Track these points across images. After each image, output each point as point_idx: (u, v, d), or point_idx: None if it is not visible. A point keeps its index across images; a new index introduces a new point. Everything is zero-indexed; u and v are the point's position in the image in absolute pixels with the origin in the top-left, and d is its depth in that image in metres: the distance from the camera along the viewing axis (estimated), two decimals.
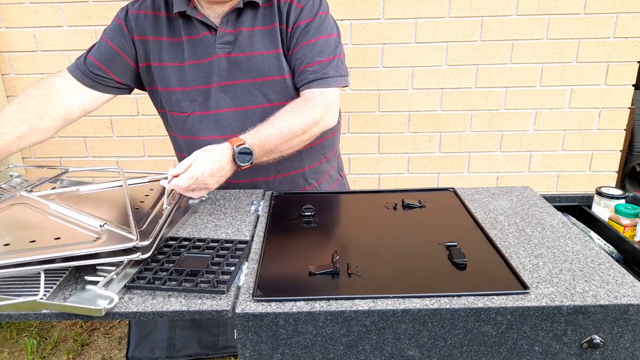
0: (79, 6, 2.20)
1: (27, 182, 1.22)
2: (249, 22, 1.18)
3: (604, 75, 2.29)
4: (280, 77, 1.19)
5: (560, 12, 2.19)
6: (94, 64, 1.23)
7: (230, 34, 1.18)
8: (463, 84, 2.31)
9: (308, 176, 1.35)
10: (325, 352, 0.77)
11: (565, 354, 0.78)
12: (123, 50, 1.22)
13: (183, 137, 1.28)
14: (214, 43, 1.18)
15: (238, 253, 0.91)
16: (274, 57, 1.18)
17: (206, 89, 1.21)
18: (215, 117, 1.22)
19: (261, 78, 1.19)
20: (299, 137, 1.14)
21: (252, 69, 1.18)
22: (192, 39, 1.19)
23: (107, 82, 1.25)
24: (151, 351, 1.96)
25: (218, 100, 1.21)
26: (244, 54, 1.18)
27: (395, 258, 0.91)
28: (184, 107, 1.23)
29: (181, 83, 1.21)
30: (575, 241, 0.97)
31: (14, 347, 2.11)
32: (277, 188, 1.28)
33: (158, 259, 0.89)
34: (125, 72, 1.25)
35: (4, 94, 2.33)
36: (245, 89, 1.20)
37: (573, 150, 2.42)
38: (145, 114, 2.38)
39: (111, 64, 1.23)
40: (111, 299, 0.77)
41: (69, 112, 1.23)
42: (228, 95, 1.21)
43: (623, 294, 0.78)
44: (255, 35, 1.18)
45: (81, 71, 1.23)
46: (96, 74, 1.23)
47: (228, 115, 1.21)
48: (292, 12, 1.16)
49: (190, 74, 1.20)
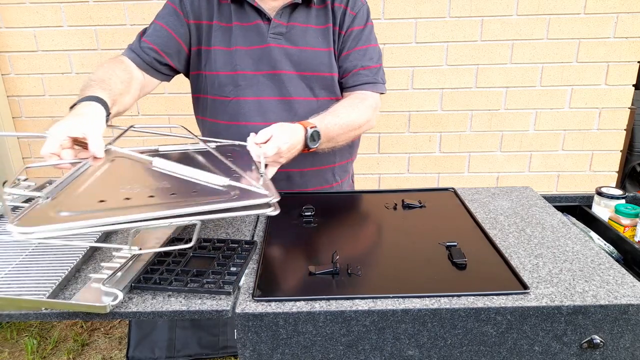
0: (79, 6, 2.20)
1: (33, 185, 1.22)
2: (303, 19, 1.23)
3: (604, 75, 2.29)
4: (328, 74, 1.25)
5: (560, 12, 2.19)
6: (151, 47, 1.22)
7: (283, 26, 1.22)
8: (463, 84, 2.31)
9: (336, 173, 1.38)
10: (325, 352, 0.77)
11: (565, 354, 0.78)
12: (178, 33, 1.23)
13: (224, 121, 1.28)
14: (267, 32, 1.21)
15: (244, 254, 0.91)
16: (326, 54, 1.24)
17: (253, 75, 1.23)
18: (258, 103, 1.24)
19: (310, 72, 1.24)
20: (354, 131, 1.21)
21: (302, 62, 1.23)
22: (244, 25, 1.22)
23: (159, 66, 1.25)
24: (151, 351, 1.96)
25: (264, 87, 1.23)
26: (296, 47, 1.22)
27: (395, 258, 0.91)
28: (227, 92, 1.25)
29: (227, 67, 1.23)
30: (575, 241, 0.97)
31: (14, 347, 2.11)
32: (308, 181, 1.31)
33: (164, 260, 0.89)
34: (178, 56, 1.26)
35: (4, 94, 2.33)
36: (292, 80, 1.23)
37: (573, 150, 2.42)
38: (146, 114, 2.38)
39: (167, 47, 1.23)
40: (115, 295, 0.76)
41: (141, 88, 1.23)
42: (274, 84, 1.23)
43: (623, 294, 0.78)
44: (308, 31, 1.23)
45: (137, 54, 1.22)
46: (152, 57, 1.23)
47: (272, 103, 1.24)
48: (346, 17, 1.24)
49: (238, 59, 1.22)
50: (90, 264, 0.90)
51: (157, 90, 2.32)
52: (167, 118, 2.38)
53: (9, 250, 0.92)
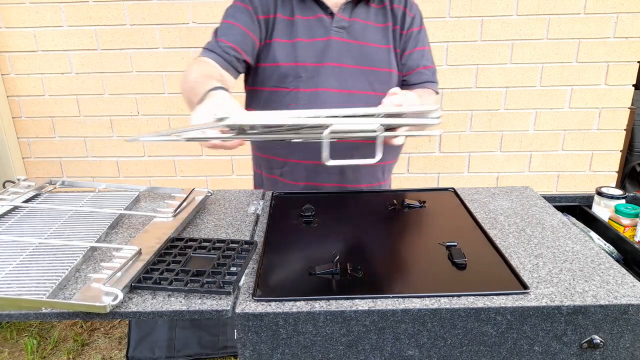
0: (79, 6, 2.20)
1: (33, 185, 1.22)
2: (363, 16, 1.27)
3: (604, 75, 2.29)
4: (387, 70, 1.29)
5: (560, 12, 2.19)
6: (230, 46, 1.22)
7: (345, 20, 1.25)
8: (463, 84, 2.31)
9: (385, 170, 1.41)
10: (325, 352, 0.77)
11: (565, 354, 0.78)
12: (251, 30, 1.24)
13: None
14: (330, 25, 1.25)
15: (244, 254, 0.91)
16: (385, 51, 1.29)
17: (315, 67, 1.25)
18: (318, 95, 1.25)
19: (370, 67, 1.27)
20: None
21: (363, 57, 1.26)
22: (306, 18, 1.25)
23: (237, 64, 1.25)
24: (151, 351, 1.96)
25: (325, 79, 1.25)
26: (358, 42, 1.26)
27: (395, 258, 0.91)
28: (287, 83, 1.26)
29: (289, 58, 1.24)
30: (575, 241, 0.97)
31: (14, 347, 2.11)
32: (360, 177, 1.34)
33: (164, 259, 0.89)
34: (252, 52, 1.26)
35: (4, 94, 2.33)
36: (352, 74, 1.26)
37: (573, 150, 2.42)
38: (146, 114, 2.38)
39: (244, 44, 1.24)
40: (115, 295, 0.76)
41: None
42: (335, 77, 1.25)
43: (623, 294, 0.78)
44: (368, 28, 1.27)
45: (218, 54, 1.21)
46: (233, 55, 1.23)
47: (332, 95, 1.26)
48: (406, 18, 1.31)
49: (301, 50, 1.24)
50: (90, 264, 0.90)
51: (157, 90, 2.34)
52: (167, 118, 2.38)
53: (8, 250, 0.92)
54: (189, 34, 2.24)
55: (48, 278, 0.83)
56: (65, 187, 1.27)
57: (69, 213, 1.09)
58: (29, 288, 0.80)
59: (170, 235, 0.98)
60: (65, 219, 1.07)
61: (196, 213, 1.13)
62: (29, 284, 0.81)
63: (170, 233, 0.99)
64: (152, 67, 2.30)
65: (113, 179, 2.49)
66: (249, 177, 1.53)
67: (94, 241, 0.98)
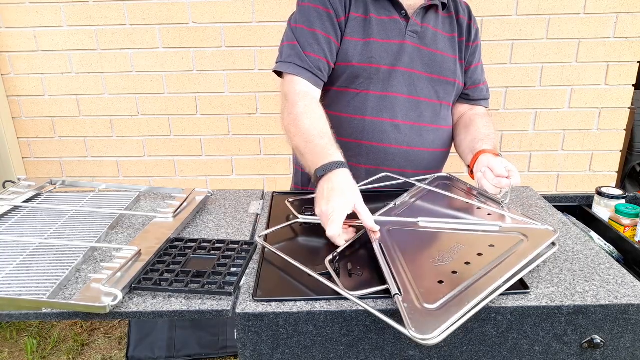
0: (79, 6, 2.20)
1: (33, 185, 1.22)
2: (433, 23, 1.25)
3: (604, 75, 2.29)
4: (453, 79, 1.28)
5: (560, 12, 2.19)
6: (321, 60, 1.18)
7: (418, 25, 1.22)
8: None
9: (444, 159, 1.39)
10: (325, 352, 0.76)
11: (566, 354, 0.78)
12: (336, 37, 1.20)
13: (347, 114, 1.25)
14: (405, 29, 1.22)
15: (244, 254, 0.91)
16: (452, 61, 1.27)
17: (388, 69, 1.21)
18: (387, 99, 1.22)
19: (438, 75, 1.26)
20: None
21: (433, 64, 1.24)
22: (381, 18, 1.21)
23: (325, 77, 1.22)
24: (151, 351, 1.96)
25: (397, 84, 1.22)
26: (429, 49, 1.24)
27: None
28: (358, 84, 1.22)
29: (362, 58, 1.20)
30: (575, 241, 0.97)
31: (14, 347, 2.11)
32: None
33: (164, 260, 0.89)
34: (334, 57, 1.22)
35: (4, 94, 2.33)
36: (421, 80, 1.24)
37: (573, 150, 2.42)
38: (145, 114, 2.38)
39: (332, 55, 1.20)
40: (115, 295, 0.76)
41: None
42: (406, 82, 1.23)
43: (623, 294, 0.78)
44: (438, 35, 1.25)
45: (313, 73, 1.17)
46: (326, 72, 1.20)
47: (401, 100, 1.23)
48: (472, 30, 1.30)
49: (375, 51, 1.20)
50: (90, 264, 0.90)
51: (157, 90, 2.34)
52: (166, 118, 2.38)
53: (8, 250, 0.92)
54: (189, 34, 2.24)
55: (48, 278, 0.83)
56: (66, 187, 1.27)
57: (69, 213, 1.09)
58: (29, 288, 0.80)
59: (170, 235, 0.98)
60: (66, 219, 1.07)
61: (196, 213, 1.13)
62: (29, 284, 0.81)
63: (170, 233, 0.99)
64: (152, 67, 2.30)
65: (113, 179, 2.49)
66: (249, 177, 1.53)
67: (94, 241, 0.98)
